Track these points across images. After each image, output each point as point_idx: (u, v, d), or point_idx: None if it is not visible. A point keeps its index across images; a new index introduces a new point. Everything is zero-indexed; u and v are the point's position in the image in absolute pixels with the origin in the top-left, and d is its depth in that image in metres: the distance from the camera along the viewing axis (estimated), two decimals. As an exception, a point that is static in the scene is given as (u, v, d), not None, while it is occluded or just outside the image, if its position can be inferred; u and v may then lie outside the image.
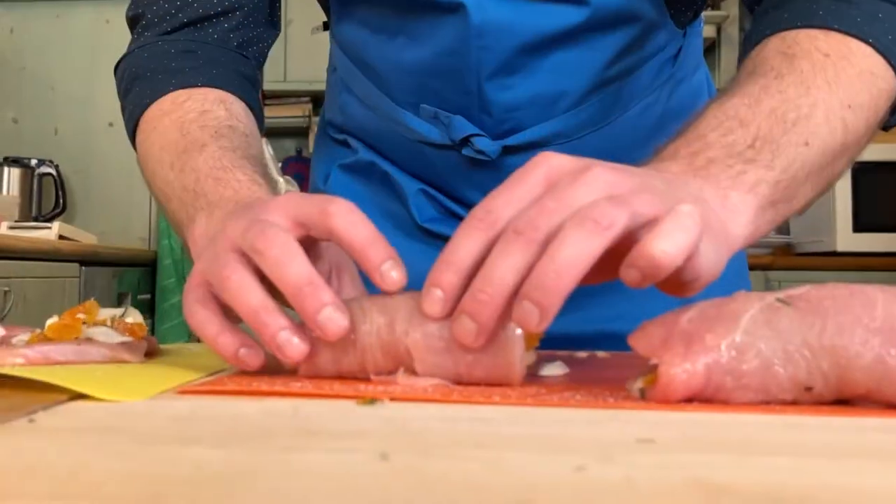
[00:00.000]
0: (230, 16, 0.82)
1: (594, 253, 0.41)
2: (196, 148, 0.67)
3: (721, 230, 0.49)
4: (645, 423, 0.36)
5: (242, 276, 0.48)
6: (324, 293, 0.46)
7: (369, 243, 0.48)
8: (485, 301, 0.43)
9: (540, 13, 0.76)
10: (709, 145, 0.53)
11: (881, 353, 0.39)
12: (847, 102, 0.57)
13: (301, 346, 0.47)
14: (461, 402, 0.42)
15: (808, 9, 0.62)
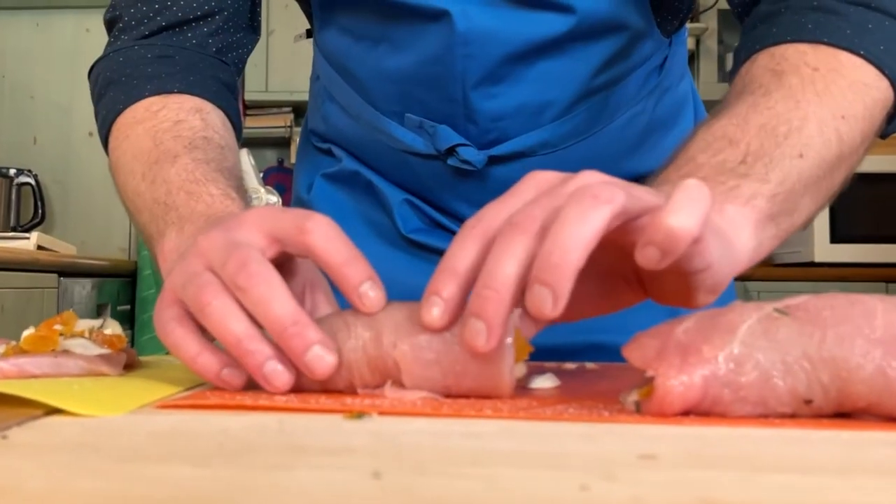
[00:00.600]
0: (210, 20, 0.80)
1: (598, 226, 0.40)
2: (168, 159, 0.66)
3: (725, 237, 0.48)
4: (644, 438, 0.35)
5: (223, 302, 0.46)
6: (310, 332, 0.45)
7: (347, 262, 0.47)
8: (490, 297, 0.41)
9: (526, 21, 0.76)
10: (699, 167, 0.52)
11: (882, 365, 0.38)
12: (840, 113, 0.56)
13: (287, 375, 0.45)
14: (451, 415, 0.41)
15: (796, 22, 0.61)
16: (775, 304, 0.42)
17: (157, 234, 0.63)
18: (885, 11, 0.61)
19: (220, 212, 0.59)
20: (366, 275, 0.47)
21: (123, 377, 0.54)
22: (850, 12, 0.61)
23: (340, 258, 0.47)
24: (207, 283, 0.47)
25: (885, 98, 0.60)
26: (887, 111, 0.61)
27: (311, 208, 0.93)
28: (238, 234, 0.49)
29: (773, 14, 0.64)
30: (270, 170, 3.56)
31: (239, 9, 0.83)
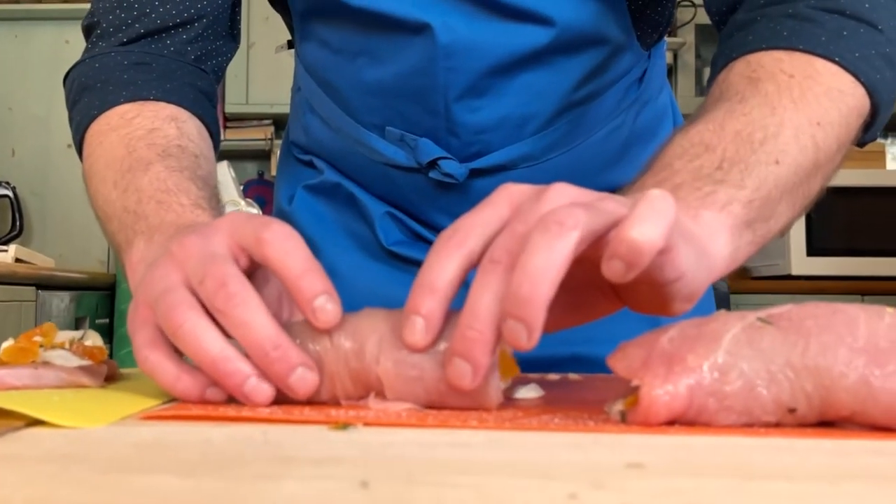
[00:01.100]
0: (189, 27, 0.80)
1: (565, 254, 0.40)
2: (141, 167, 0.65)
3: (699, 244, 0.48)
4: (630, 447, 0.35)
5: (195, 323, 0.45)
6: (291, 354, 0.45)
7: (302, 275, 0.46)
8: (475, 338, 0.41)
9: (507, 33, 0.76)
10: (675, 172, 0.52)
11: (865, 374, 0.39)
12: (816, 120, 0.56)
13: (268, 390, 0.45)
14: (437, 426, 0.40)
15: (771, 30, 0.62)
16: (759, 314, 0.42)
17: (125, 243, 0.62)
18: (860, 19, 0.61)
19: (189, 222, 0.58)
20: (321, 288, 0.45)
21: (104, 389, 0.54)
22: (825, 20, 0.61)
23: (296, 270, 0.46)
24: (179, 303, 0.46)
25: (861, 105, 0.60)
26: (863, 119, 0.61)
27: (293, 220, 0.93)
28: (212, 242, 0.49)
29: (749, 22, 0.64)
30: (251, 182, 3.55)
31: (219, 17, 0.82)
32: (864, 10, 0.61)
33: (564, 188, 0.45)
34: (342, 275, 0.89)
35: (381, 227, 0.88)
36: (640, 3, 0.80)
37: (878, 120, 0.63)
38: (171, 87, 0.76)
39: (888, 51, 0.61)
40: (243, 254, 0.49)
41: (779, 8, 0.63)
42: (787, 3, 0.63)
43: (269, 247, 0.47)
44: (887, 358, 0.39)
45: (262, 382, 0.45)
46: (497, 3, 0.75)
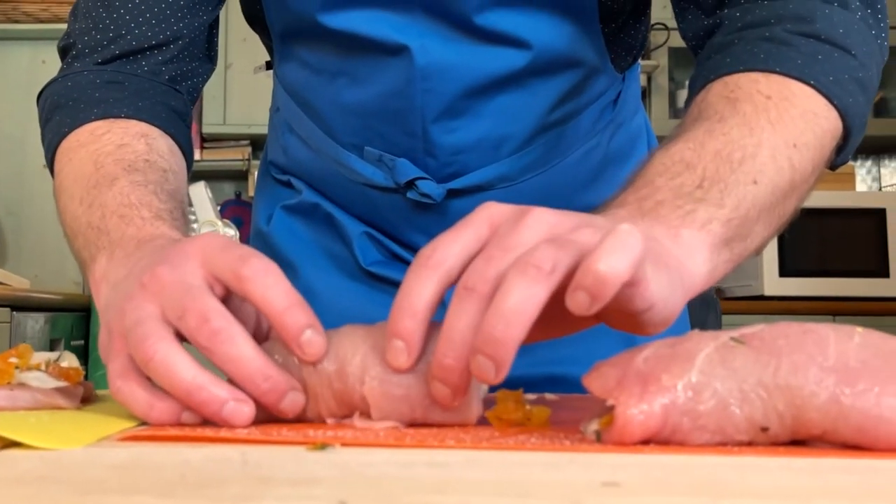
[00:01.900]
0: (164, 49, 0.80)
1: (540, 299, 0.41)
2: (106, 183, 0.65)
3: (676, 266, 0.48)
4: (606, 466, 0.35)
5: (166, 353, 0.45)
6: (281, 381, 0.46)
7: (286, 311, 0.46)
8: (451, 366, 0.43)
9: (484, 56, 0.77)
10: (657, 189, 0.53)
11: (835, 393, 0.39)
12: (792, 142, 0.57)
13: (247, 410, 0.45)
14: (415, 446, 0.41)
15: (748, 52, 0.63)
16: (731, 333, 0.43)
17: (89, 258, 0.62)
18: (834, 44, 0.63)
19: (149, 234, 0.58)
20: (305, 322, 0.46)
21: (81, 410, 0.54)
22: (800, 43, 0.62)
23: (279, 306, 0.46)
24: (150, 334, 0.46)
25: (834, 128, 0.61)
26: (836, 141, 0.63)
27: (271, 240, 0.93)
28: (185, 272, 0.48)
29: (726, 45, 0.65)
30: (228, 203, 3.54)
31: (195, 38, 0.83)
32: (838, 35, 0.63)
33: (544, 214, 0.45)
34: (320, 295, 0.89)
35: (359, 247, 0.89)
36: (614, 27, 0.81)
37: (849, 143, 0.64)
38: (142, 105, 0.76)
39: (860, 75, 0.63)
40: (218, 283, 0.49)
41: (755, 31, 0.64)
42: (764, 26, 0.64)
43: (249, 284, 0.47)
44: (857, 377, 0.40)
45: (240, 404, 0.45)
46: (474, 27, 0.76)
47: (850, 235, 2.94)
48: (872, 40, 0.66)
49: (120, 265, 0.57)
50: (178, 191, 0.70)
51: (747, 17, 0.66)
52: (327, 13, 0.78)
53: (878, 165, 3.57)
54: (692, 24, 0.72)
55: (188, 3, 0.81)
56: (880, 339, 0.42)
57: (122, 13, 0.79)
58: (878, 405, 0.39)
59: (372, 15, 0.78)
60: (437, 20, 0.77)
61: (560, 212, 0.46)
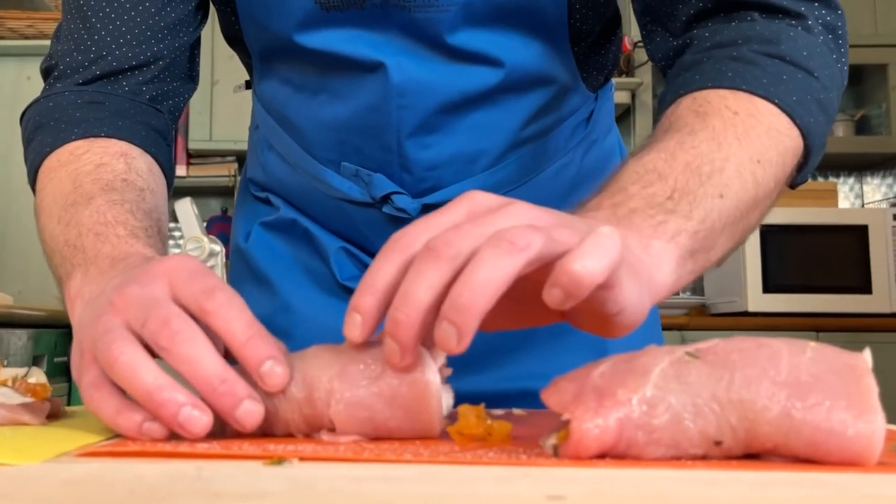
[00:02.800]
0: (145, 69, 0.80)
1: (509, 273, 0.42)
2: (84, 201, 0.66)
3: (645, 275, 0.49)
4: (556, 480, 0.35)
5: (130, 356, 0.46)
6: (238, 387, 0.46)
7: (247, 343, 0.47)
8: (402, 321, 0.43)
9: (457, 74, 0.78)
10: (630, 197, 0.54)
11: (787, 407, 0.40)
12: (756, 158, 0.58)
13: (204, 419, 0.45)
14: (373, 461, 0.41)
15: (717, 70, 0.64)
16: (687, 348, 0.43)
17: (65, 276, 0.62)
18: (798, 65, 0.64)
19: (124, 252, 0.59)
20: (266, 353, 0.47)
21: (45, 426, 0.54)
22: (766, 63, 0.64)
23: (241, 338, 0.47)
24: (115, 340, 0.47)
25: (796, 146, 0.63)
26: (797, 160, 0.64)
27: (249, 257, 0.94)
28: (152, 288, 0.49)
29: (696, 63, 0.67)
30: (214, 219, 3.53)
31: (176, 59, 0.83)
32: (802, 57, 0.64)
33: (525, 208, 0.46)
34: (298, 310, 0.89)
35: (335, 262, 0.89)
36: (584, 47, 0.82)
37: (809, 162, 0.65)
38: (122, 124, 0.77)
39: (822, 97, 0.64)
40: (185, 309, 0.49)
41: (724, 51, 0.66)
42: (732, 46, 0.66)
43: (212, 317, 0.48)
44: (808, 391, 0.40)
45: (198, 411, 0.45)
46: (447, 46, 0.77)
47: (833, 252, 2.96)
48: (833, 64, 0.67)
49: (94, 282, 0.57)
50: (154, 209, 0.70)
51: (716, 38, 0.68)
52: (304, 33, 0.79)
53: (860, 182, 3.60)
54: (661, 46, 0.73)
55: (169, 25, 0.81)
56: (833, 354, 0.42)
57: (103, 35, 0.79)
58: (828, 419, 0.39)
59: (348, 34, 0.79)
60: (412, 39, 0.78)
61: (541, 208, 0.47)
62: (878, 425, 0.39)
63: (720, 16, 0.69)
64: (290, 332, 0.89)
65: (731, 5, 0.69)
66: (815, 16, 0.68)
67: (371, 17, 0.77)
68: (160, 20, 0.81)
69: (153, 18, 0.80)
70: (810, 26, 0.67)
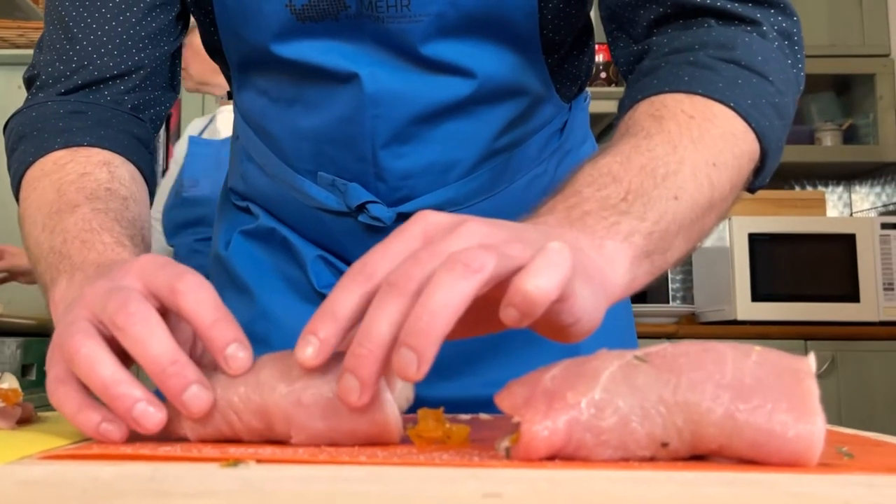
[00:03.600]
0: (126, 79, 0.82)
1: (466, 295, 0.42)
2: (68, 209, 0.67)
3: (599, 277, 0.50)
4: (498, 480, 0.36)
5: (91, 348, 0.47)
6: (188, 371, 0.46)
7: (214, 324, 0.47)
8: (364, 356, 0.43)
9: (430, 84, 0.79)
10: (584, 199, 0.54)
11: (731, 409, 0.41)
12: (711, 161, 0.59)
13: (158, 415, 0.46)
14: (328, 462, 0.42)
15: (674, 75, 0.65)
16: (636, 352, 0.44)
17: (50, 282, 0.63)
18: (753, 69, 0.65)
19: (110, 260, 0.60)
20: (232, 336, 0.47)
21: (15, 431, 0.54)
22: (722, 68, 0.65)
23: (208, 320, 0.47)
24: (76, 332, 0.48)
25: (752, 150, 0.64)
26: (754, 164, 0.65)
27: (229, 265, 0.95)
28: (122, 283, 0.50)
29: (654, 68, 0.68)
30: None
31: (157, 68, 0.84)
32: (757, 62, 0.65)
33: (478, 226, 0.47)
34: (276, 318, 0.90)
35: (313, 271, 0.90)
36: (557, 58, 0.83)
37: (766, 166, 0.66)
38: (105, 133, 0.78)
39: (777, 101, 0.65)
40: (154, 298, 0.50)
41: (681, 56, 0.67)
42: (688, 52, 0.67)
43: (181, 297, 0.48)
44: (751, 394, 0.41)
45: (152, 407, 0.46)
46: (420, 56, 0.78)
47: (822, 261, 2.97)
48: (789, 69, 0.68)
49: (78, 289, 0.58)
50: (138, 218, 0.71)
51: (674, 44, 0.69)
52: (280, 43, 0.80)
53: (848, 191, 3.62)
54: (623, 51, 0.74)
55: (150, 34, 0.83)
56: (777, 358, 0.43)
57: (84, 45, 0.81)
58: (769, 421, 0.40)
59: (323, 45, 0.80)
60: (385, 50, 0.79)
61: (494, 222, 0.48)
62: (817, 427, 0.40)
63: (679, 22, 0.71)
64: (269, 339, 0.90)
65: (689, 12, 0.70)
66: (771, 22, 0.69)
67: (345, 28, 0.78)
68: (141, 30, 0.82)
69: (134, 28, 0.81)
70: (765, 32, 0.68)
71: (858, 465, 0.41)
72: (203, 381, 0.47)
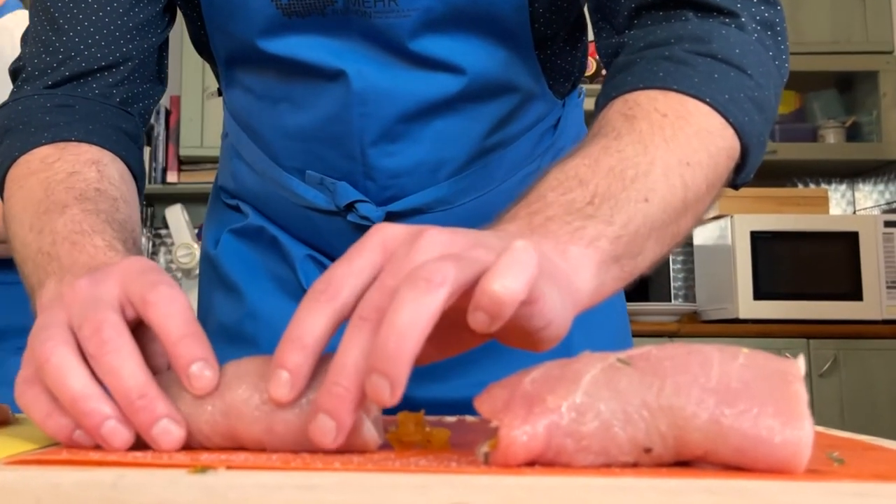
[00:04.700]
0: (114, 71, 0.80)
1: (432, 311, 0.40)
2: (57, 210, 0.65)
3: (564, 282, 0.48)
4: (472, 487, 0.35)
5: (61, 359, 0.45)
6: (157, 405, 0.45)
7: (180, 340, 0.46)
8: (341, 395, 0.42)
9: (419, 81, 0.77)
10: (548, 205, 0.53)
11: (716, 414, 0.39)
12: (685, 160, 0.57)
13: (126, 433, 0.45)
14: (301, 469, 0.40)
15: (649, 71, 0.63)
16: (619, 355, 0.43)
17: (38, 284, 0.62)
18: (730, 63, 0.63)
19: (102, 263, 0.58)
20: (198, 354, 0.46)
21: (-13, 434, 0.53)
22: (698, 62, 0.63)
23: (175, 335, 0.46)
24: (49, 338, 0.46)
25: (730, 147, 0.62)
26: (734, 160, 0.63)
27: (218, 264, 0.93)
28: (101, 288, 0.49)
29: (629, 64, 0.66)
30: (205, 226, 3.53)
31: (145, 60, 0.83)
32: (735, 55, 0.63)
33: (437, 235, 0.45)
34: (265, 318, 0.89)
35: (301, 270, 0.89)
36: (549, 53, 0.81)
37: (748, 162, 0.64)
38: (93, 128, 0.76)
39: (756, 95, 0.63)
40: (130, 305, 0.49)
41: (656, 51, 0.65)
42: (664, 46, 0.65)
43: (151, 309, 0.47)
44: (737, 398, 0.40)
45: (121, 426, 0.45)
46: (408, 53, 0.77)
47: (824, 259, 2.96)
48: (769, 61, 0.66)
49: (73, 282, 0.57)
50: (128, 220, 0.70)
51: (649, 38, 0.67)
52: (267, 39, 0.79)
53: (851, 189, 3.60)
54: (605, 43, 0.73)
55: (137, 25, 0.81)
56: (764, 360, 0.42)
57: (70, 36, 0.79)
58: (755, 426, 0.39)
59: (310, 40, 0.78)
60: (373, 46, 0.77)
61: (453, 230, 0.46)
62: (805, 432, 0.38)
63: (658, 14, 0.69)
64: (257, 339, 0.88)
65: (669, 2, 0.68)
66: (752, 13, 0.67)
67: (332, 24, 0.77)
68: (128, 20, 0.80)
69: (121, 19, 0.80)
70: (744, 24, 0.66)
71: (848, 472, 0.40)
72: (173, 415, 0.45)
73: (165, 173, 3.45)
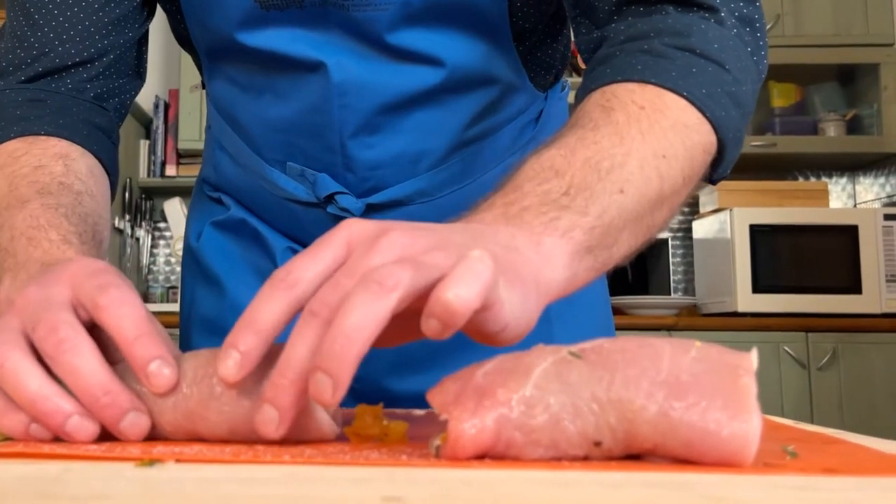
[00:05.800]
0: (89, 66, 0.80)
1: (381, 315, 0.41)
2: (18, 205, 0.65)
3: (532, 277, 0.48)
4: (411, 481, 0.35)
5: (16, 362, 0.45)
6: (122, 399, 0.45)
7: (136, 340, 0.46)
8: (284, 386, 0.42)
9: (398, 73, 0.77)
10: (524, 195, 0.53)
11: (664, 407, 0.39)
12: (661, 153, 0.57)
13: (92, 427, 0.45)
14: (249, 462, 0.40)
15: (627, 64, 0.63)
16: (571, 348, 0.42)
17: None
18: (709, 58, 0.63)
19: (55, 258, 0.58)
20: (155, 353, 0.46)
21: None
22: (676, 56, 0.63)
23: (129, 336, 0.46)
24: (3, 342, 0.46)
25: (707, 141, 0.62)
26: (710, 155, 0.63)
27: (200, 257, 0.93)
28: (51, 291, 0.49)
29: (608, 57, 0.66)
30: (204, 220, 3.53)
31: (122, 55, 0.83)
32: (713, 50, 0.63)
33: (399, 237, 0.45)
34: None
35: (282, 262, 0.89)
36: (529, 46, 0.81)
37: (725, 157, 0.64)
38: (63, 122, 0.76)
39: (734, 90, 0.63)
40: (81, 308, 0.49)
41: (635, 44, 0.65)
42: (643, 39, 0.65)
43: (104, 312, 0.47)
44: (687, 391, 0.39)
45: (85, 420, 0.45)
46: (387, 45, 0.76)
47: (824, 252, 2.95)
48: (748, 57, 0.66)
49: (22, 287, 0.57)
50: (92, 213, 0.69)
51: (629, 31, 0.67)
52: (245, 32, 0.78)
53: (852, 182, 3.58)
54: (585, 38, 0.72)
55: (113, 20, 0.81)
56: (717, 353, 0.41)
57: (46, 31, 0.79)
58: (703, 419, 0.39)
59: (289, 33, 0.78)
60: (352, 38, 0.77)
61: (418, 228, 0.46)
62: (752, 425, 0.38)
63: (639, 9, 0.68)
64: (239, 332, 0.88)
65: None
66: (731, 9, 0.66)
67: (311, 17, 0.77)
68: (104, 16, 0.80)
69: (97, 14, 0.80)
70: (723, 19, 0.65)
71: (796, 465, 0.39)
72: (138, 406, 0.45)
73: (164, 167, 3.45)
